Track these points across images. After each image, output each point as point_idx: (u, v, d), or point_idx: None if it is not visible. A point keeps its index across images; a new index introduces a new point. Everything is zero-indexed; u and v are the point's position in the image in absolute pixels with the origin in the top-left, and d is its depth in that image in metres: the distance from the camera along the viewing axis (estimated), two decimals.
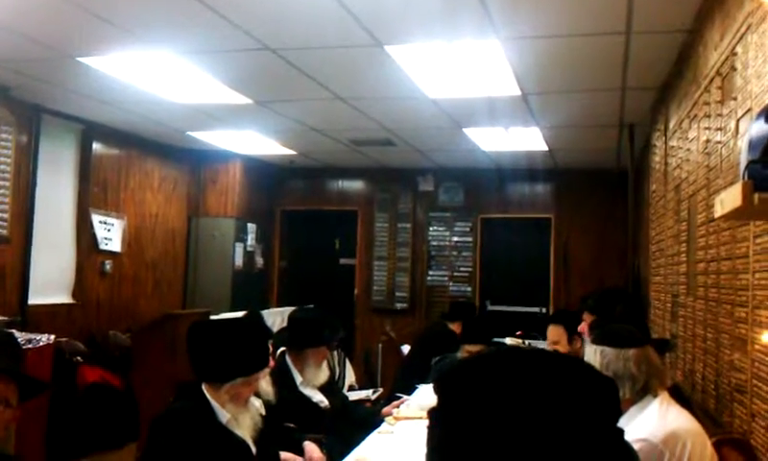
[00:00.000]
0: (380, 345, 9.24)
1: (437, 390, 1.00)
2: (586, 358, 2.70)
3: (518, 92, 5.63)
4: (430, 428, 0.99)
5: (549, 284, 9.54)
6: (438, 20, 4.15)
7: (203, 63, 5.13)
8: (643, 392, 2.58)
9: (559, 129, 7.02)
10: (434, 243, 10.03)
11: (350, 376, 5.57)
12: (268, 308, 8.64)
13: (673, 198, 4.97)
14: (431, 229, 10.04)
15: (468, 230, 9.92)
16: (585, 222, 9.37)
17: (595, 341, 2.67)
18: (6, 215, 6.15)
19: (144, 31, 4.46)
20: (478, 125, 6.90)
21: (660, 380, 2.63)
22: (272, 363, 3.67)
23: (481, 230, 9.88)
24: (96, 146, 7.72)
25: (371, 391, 5.22)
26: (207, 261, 9.38)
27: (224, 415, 2.96)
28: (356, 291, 10.25)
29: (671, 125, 5.06)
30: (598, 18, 4.06)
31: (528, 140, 7.51)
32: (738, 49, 3.07)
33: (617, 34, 4.27)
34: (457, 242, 9.97)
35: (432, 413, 0.99)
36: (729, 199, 1.56)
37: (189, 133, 7.83)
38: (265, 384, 3.71)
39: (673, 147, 5.00)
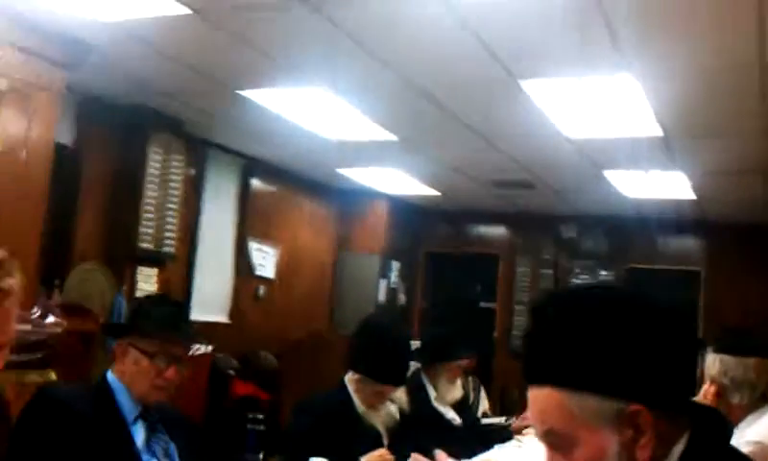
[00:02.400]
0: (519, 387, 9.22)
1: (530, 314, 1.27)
2: (705, 369, 2.74)
3: (659, 133, 5.64)
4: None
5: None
6: (569, 56, 4.32)
7: (354, 100, 5.55)
8: (762, 400, 2.60)
9: (706, 176, 6.88)
10: None
11: (484, 404, 5.67)
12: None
13: None
14: (575, 276, 9.97)
15: (612, 278, 9.77)
16: (737, 278, 8.96)
17: (717, 350, 2.71)
18: (173, 235, 6.81)
19: (301, 67, 4.93)
20: (618, 167, 6.90)
21: None
22: None
23: (626, 281, 9.70)
24: (254, 181, 8.40)
25: (503, 418, 5.28)
26: (352, 295, 9.80)
27: (360, 406, 3.20)
28: (496, 334, 10.31)
29: None
30: (732, 52, 4.08)
31: (672, 187, 7.39)
32: None
33: (753, 67, 4.25)
34: None
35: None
36: None
37: (338, 169, 8.34)
38: (400, 393, 3.90)
39: None
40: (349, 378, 3.24)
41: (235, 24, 4.30)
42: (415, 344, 7.31)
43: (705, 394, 2.69)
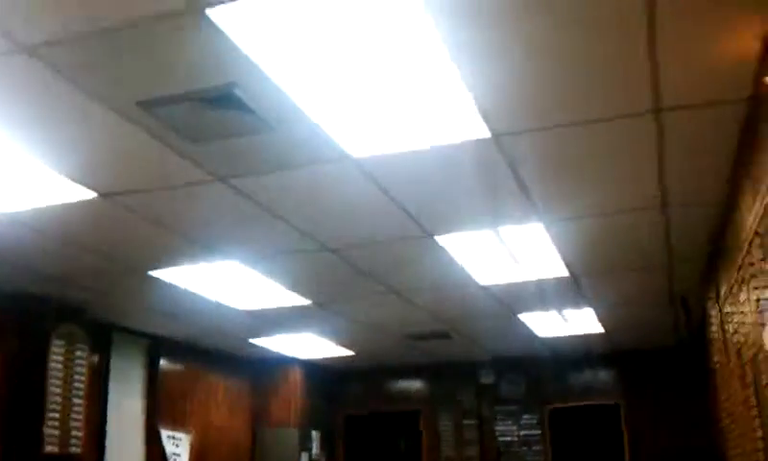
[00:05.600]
0: None
1: None
2: None
3: (567, 274, 5.79)
4: None
5: None
6: (482, 210, 4.43)
7: (265, 269, 5.47)
8: None
9: (612, 309, 7.07)
10: (501, 438, 9.82)
11: None
12: None
13: (736, 364, 4.94)
14: (498, 424, 9.86)
15: (535, 422, 9.72)
16: (653, 403, 9.10)
17: None
18: (80, 434, 6.29)
19: (211, 240, 4.84)
20: (531, 310, 7.01)
21: None
22: None
23: (549, 422, 9.67)
24: (163, 361, 8.00)
25: None
26: None
27: None
28: None
29: (722, 292, 5.12)
30: (634, 195, 4.28)
31: (583, 323, 7.56)
32: None
33: (654, 208, 4.47)
34: (525, 435, 9.75)
35: None
36: None
37: (251, 340, 8.10)
38: None
39: (728, 313, 5.03)
40: None
41: (144, 205, 4.19)
42: None
43: None
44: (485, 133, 3.44)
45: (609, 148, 3.68)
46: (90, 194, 3.95)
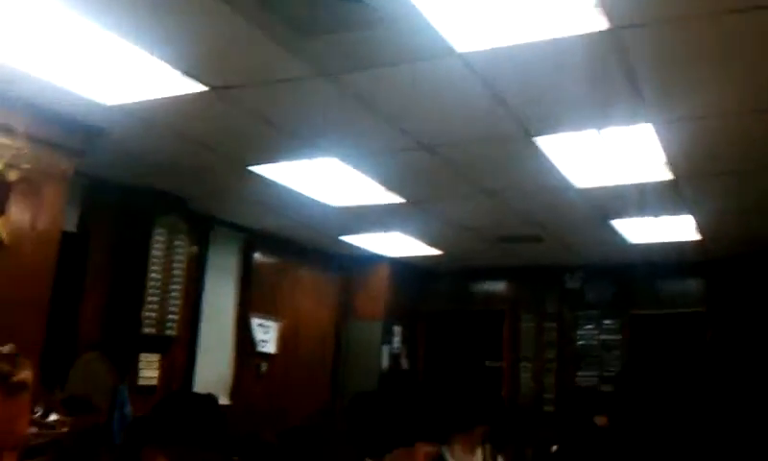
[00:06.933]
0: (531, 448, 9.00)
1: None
2: None
3: (671, 177, 5.60)
4: None
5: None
6: (589, 109, 4.29)
7: (362, 166, 5.49)
8: None
9: (713, 214, 6.84)
10: (580, 343, 9.83)
11: None
12: None
13: None
14: (580, 328, 9.85)
15: (616, 327, 9.67)
16: (740, 313, 8.88)
17: None
18: (176, 317, 6.61)
19: (314, 138, 4.86)
20: (626, 215, 6.85)
21: None
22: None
23: (630, 328, 9.60)
24: (256, 254, 8.25)
25: None
26: (355, 363, 9.61)
27: None
28: (503, 393, 10.10)
29: None
30: (755, 96, 4.06)
31: (679, 230, 7.35)
32: None
33: None
34: (605, 340, 9.72)
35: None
36: None
37: (342, 237, 8.23)
38: None
39: None
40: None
41: (252, 99, 4.22)
42: None
43: None
44: (602, 24, 3.29)
45: (735, 43, 3.47)
46: (199, 87, 4.00)
